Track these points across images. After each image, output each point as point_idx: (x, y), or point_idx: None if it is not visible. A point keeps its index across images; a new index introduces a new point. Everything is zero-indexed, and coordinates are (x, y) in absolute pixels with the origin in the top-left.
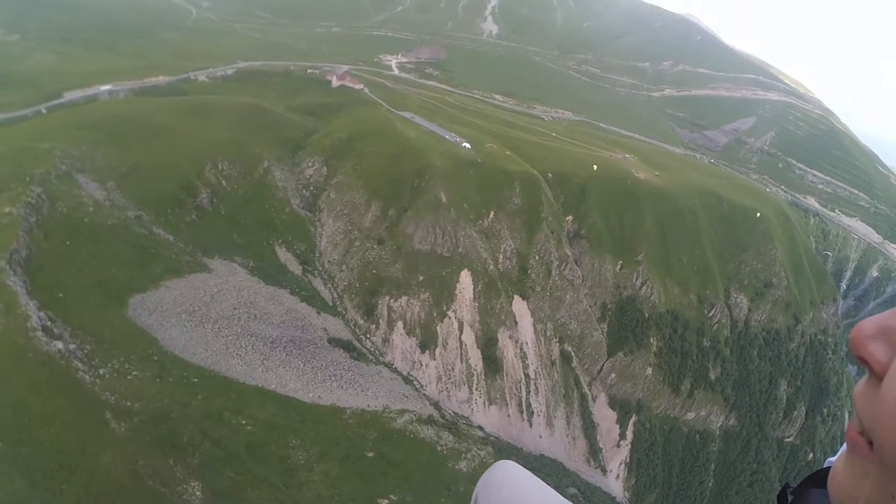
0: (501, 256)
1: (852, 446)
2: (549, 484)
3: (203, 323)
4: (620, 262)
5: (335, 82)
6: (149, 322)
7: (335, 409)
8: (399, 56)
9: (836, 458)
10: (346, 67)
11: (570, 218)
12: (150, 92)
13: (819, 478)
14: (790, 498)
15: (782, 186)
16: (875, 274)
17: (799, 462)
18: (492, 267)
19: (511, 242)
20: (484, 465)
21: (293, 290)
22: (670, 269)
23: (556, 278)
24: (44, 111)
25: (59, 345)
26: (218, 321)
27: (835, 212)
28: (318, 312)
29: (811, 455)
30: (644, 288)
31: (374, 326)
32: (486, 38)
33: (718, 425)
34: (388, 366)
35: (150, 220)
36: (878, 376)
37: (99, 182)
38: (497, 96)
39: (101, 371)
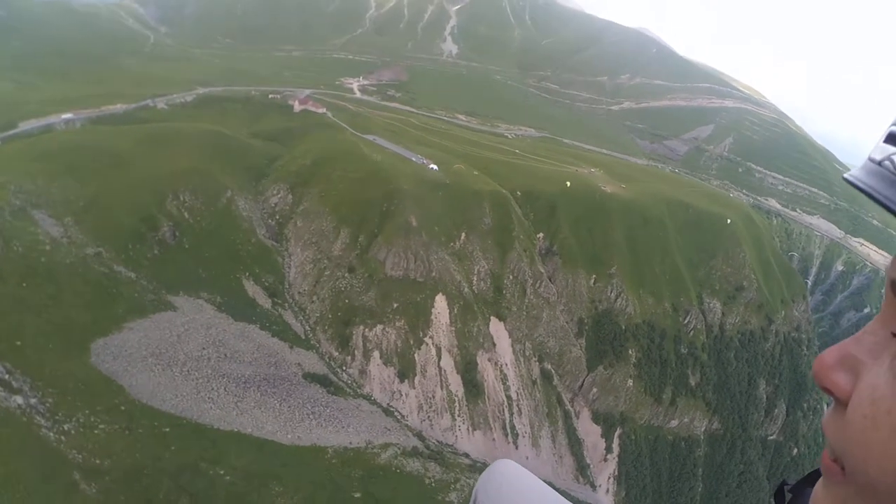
0: (475, 278)
1: (827, 473)
2: None
3: (171, 366)
4: (594, 276)
5: (297, 107)
6: (113, 368)
7: (316, 448)
8: (360, 79)
9: None
10: (307, 91)
11: (541, 235)
12: (108, 120)
13: (816, 477)
14: (788, 496)
15: (743, 190)
16: (840, 268)
17: (784, 458)
18: (466, 289)
19: (484, 263)
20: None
21: (263, 325)
22: (643, 280)
23: (532, 297)
24: None
25: (20, 399)
26: (187, 363)
27: (796, 211)
28: (291, 347)
29: (795, 450)
30: (619, 300)
31: (349, 358)
32: (447, 59)
33: (702, 430)
34: (367, 398)
35: (111, 257)
36: (843, 404)
37: (55, 218)
38: (460, 116)
39: (65, 426)
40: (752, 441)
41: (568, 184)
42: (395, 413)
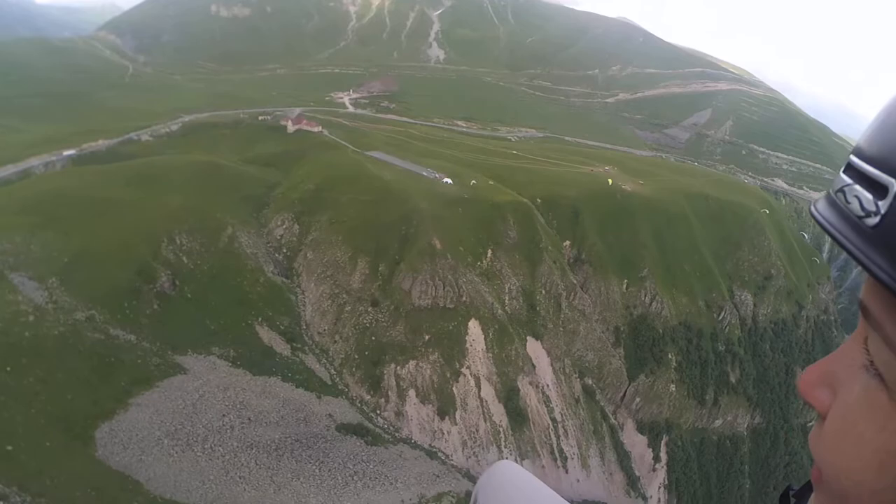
0: (507, 297)
1: (814, 482)
2: None
3: (191, 445)
4: (626, 280)
5: (290, 127)
6: (125, 460)
7: None
8: (350, 92)
9: None
10: (298, 110)
11: (567, 243)
12: (90, 160)
13: None
14: (793, 501)
15: (749, 173)
16: None
17: None
18: (499, 311)
19: (515, 280)
20: None
21: (286, 377)
22: (675, 280)
23: (567, 311)
24: None
25: None
26: (208, 438)
27: (803, 189)
28: (319, 397)
29: None
30: (654, 304)
31: (383, 400)
32: (435, 65)
33: (745, 426)
34: (408, 441)
35: (105, 319)
36: (823, 418)
37: (38, 280)
38: (459, 122)
39: None
40: (794, 431)
41: (610, 181)
42: (440, 454)
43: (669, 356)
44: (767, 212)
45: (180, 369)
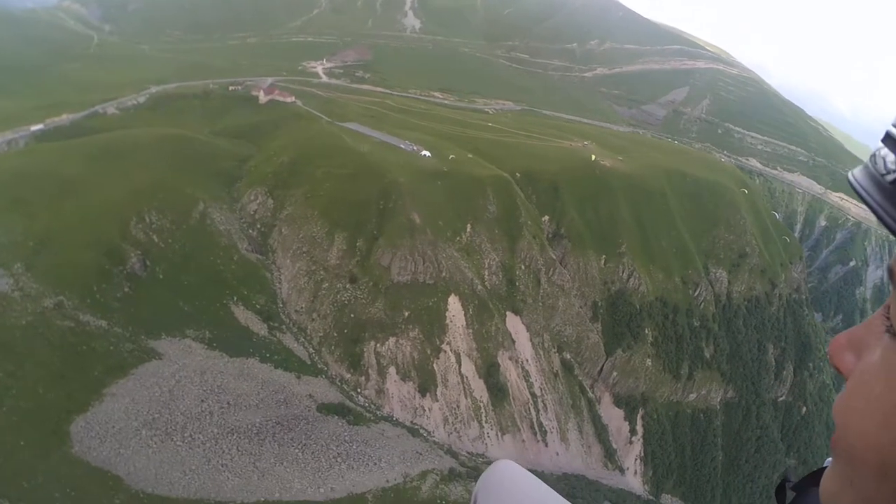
0: (487, 273)
1: (832, 449)
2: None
3: (170, 434)
4: (604, 256)
5: (262, 97)
6: (103, 454)
7: (354, 498)
8: (324, 61)
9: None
10: (270, 80)
11: (546, 218)
12: (54, 136)
13: (818, 476)
14: (790, 494)
15: (725, 152)
16: (823, 223)
17: (794, 417)
18: (479, 287)
19: (494, 256)
20: None
21: (263, 357)
22: (652, 256)
23: (546, 286)
24: None
25: None
26: (187, 426)
27: (777, 169)
28: (298, 377)
29: (804, 409)
30: (631, 279)
31: (363, 378)
32: (410, 34)
33: (718, 400)
34: (389, 420)
35: (74, 305)
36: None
37: (3, 266)
38: (436, 94)
39: None
40: (765, 405)
41: (592, 157)
42: (421, 431)
43: (646, 331)
44: (746, 192)
45: (155, 354)
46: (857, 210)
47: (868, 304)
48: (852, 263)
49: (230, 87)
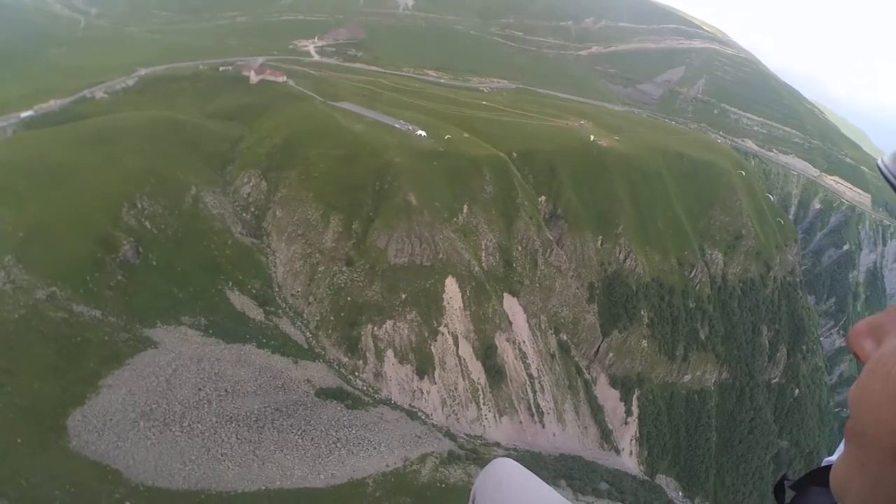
0: (484, 254)
1: (845, 436)
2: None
3: (168, 425)
4: (601, 237)
5: (253, 77)
6: (101, 448)
7: (355, 483)
8: (316, 40)
9: (834, 456)
10: (261, 59)
11: (542, 198)
12: (42, 122)
13: (818, 475)
14: (790, 493)
15: (720, 132)
16: (818, 206)
17: (787, 399)
18: (476, 268)
19: (491, 236)
20: None
21: (260, 343)
22: (649, 237)
23: (543, 267)
24: None
25: None
26: (185, 415)
27: (772, 151)
28: (296, 361)
29: (797, 391)
30: (628, 261)
31: (361, 362)
32: (403, 12)
33: (713, 381)
34: (387, 403)
35: (67, 295)
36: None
37: None
38: (430, 72)
39: None
40: (758, 387)
41: (592, 137)
42: (420, 413)
43: (642, 312)
44: (744, 174)
45: (150, 343)
46: (851, 194)
47: (861, 288)
48: (846, 247)
49: (220, 68)
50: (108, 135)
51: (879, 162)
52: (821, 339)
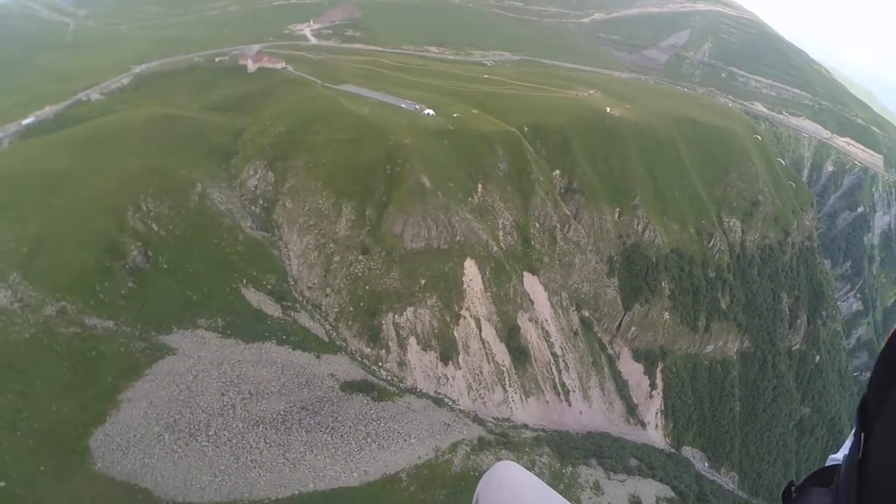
0: (501, 233)
1: None
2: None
3: (194, 435)
4: (618, 209)
5: (251, 66)
6: (128, 468)
7: (388, 479)
8: (311, 23)
9: (839, 454)
10: (257, 47)
11: (557, 172)
12: (38, 130)
13: (820, 476)
14: (794, 495)
15: (729, 96)
16: (830, 168)
17: (808, 366)
18: (495, 248)
19: (508, 215)
20: (552, 474)
21: (280, 340)
22: (666, 207)
23: (562, 243)
24: None
25: None
26: (210, 423)
27: (782, 114)
28: (318, 356)
29: (818, 357)
30: (647, 232)
31: (384, 352)
32: None
33: (735, 351)
34: (413, 391)
35: (78, 309)
36: None
37: None
38: (431, 48)
39: None
40: (780, 355)
41: (608, 110)
42: (446, 400)
43: (662, 284)
44: (759, 138)
45: (168, 350)
46: (863, 155)
47: (876, 251)
48: (860, 209)
49: (216, 59)
50: (107, 137)
51: None
52: (838, 303)
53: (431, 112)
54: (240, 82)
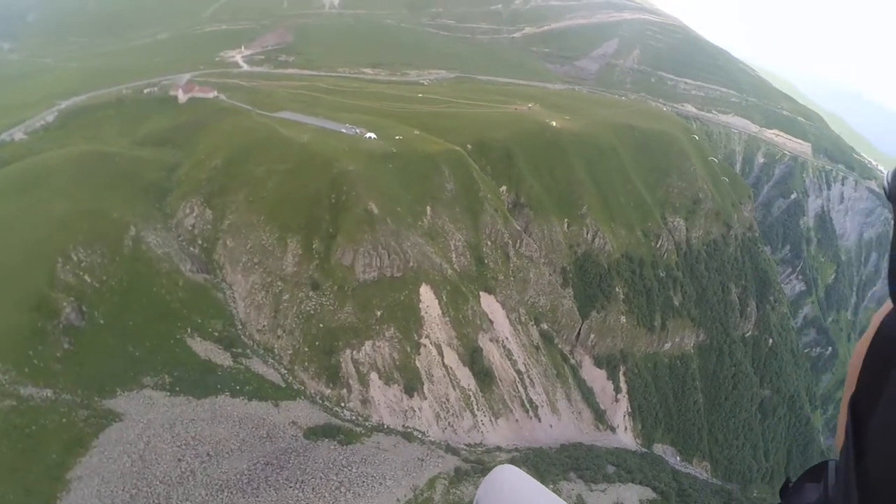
0: (454, 255)
1: None
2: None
3: None
4: (566, 220)
5: (182, 96)
6: None
7: None
8: (242, 49)
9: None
10: (188, 76)
11: (503, 188)
12: None
13: (815, 472)
14: (791, 491)
15: (659, 100)
16: (762, 160)
17: (762, 349)
18: (449, 271)
19: (459, 236)
20: None
21: (234, 391)
22: (613, 213)
23: (515, 259)
24: None
25: None
26: (171, 495)
27: (711, 112)
28: (276, 404)
29: (770, 341)
30: (596, 240)
31: (345, 391)
32: (330, 11)
33: (692, 345)
34: (380, 429)
35: (11, 378)
36: None
37: None
38: (367, 70)
39: None
40: (735, 343)
41: (554, 123)
42: (415, 433)
43: (616, 289)
44: (697, 138)
45: (114, 416)
46: (792, 145)
47: (812, 233)
48: (793, 196)
49: (145, 90)
50: (31, 180)
51: (884, 182)
52: (782, 286)
53: (373, 136)
54: (171, 114)
